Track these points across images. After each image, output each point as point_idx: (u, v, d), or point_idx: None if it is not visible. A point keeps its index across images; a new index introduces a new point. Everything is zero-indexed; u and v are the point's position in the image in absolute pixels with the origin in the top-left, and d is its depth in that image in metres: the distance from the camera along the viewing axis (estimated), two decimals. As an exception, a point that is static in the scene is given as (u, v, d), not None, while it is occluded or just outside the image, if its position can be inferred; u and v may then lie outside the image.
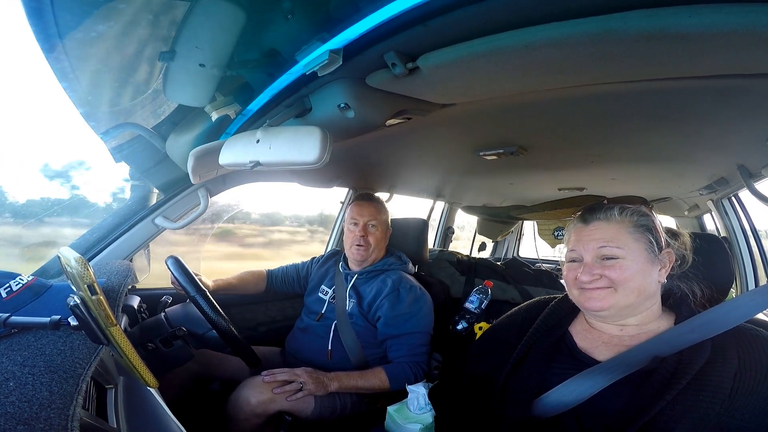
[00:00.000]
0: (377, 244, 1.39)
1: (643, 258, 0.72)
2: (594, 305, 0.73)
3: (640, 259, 0.72)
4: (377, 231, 1.39)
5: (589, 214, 0.79)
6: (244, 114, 0.94)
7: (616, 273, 0.71)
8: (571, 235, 0.81)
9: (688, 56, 0.57)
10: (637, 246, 0.73)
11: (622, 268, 0.71)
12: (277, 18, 0.67)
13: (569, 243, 0.80)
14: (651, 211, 0.78)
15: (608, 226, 0.75)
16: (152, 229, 1.21)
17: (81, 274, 0.53)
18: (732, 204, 1.83)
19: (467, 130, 1.13)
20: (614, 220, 0.76)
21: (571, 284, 0.77)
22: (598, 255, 0.74)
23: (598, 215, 0.77)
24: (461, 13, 0.55)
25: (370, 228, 1.39)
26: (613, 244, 0.73)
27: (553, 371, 0.76)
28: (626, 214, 0.76)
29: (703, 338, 0.66)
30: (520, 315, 0.92)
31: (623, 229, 0.74)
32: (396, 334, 1.27)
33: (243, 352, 1.05)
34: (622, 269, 0.71)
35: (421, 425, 0.89)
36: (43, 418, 0.46)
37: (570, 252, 0.79)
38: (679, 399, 0.61)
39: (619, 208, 0.76)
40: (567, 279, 0.78)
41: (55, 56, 0.66)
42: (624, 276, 0.71)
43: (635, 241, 0.73)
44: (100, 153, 0.98)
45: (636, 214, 0.76)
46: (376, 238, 1.39)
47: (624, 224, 0.75)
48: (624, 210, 0.76)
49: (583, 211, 0.81)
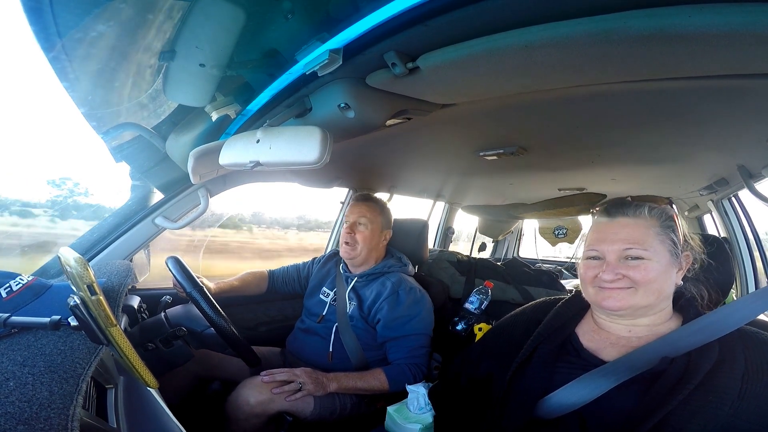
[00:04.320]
0: (365, 242, 1.38)
1: (666, 260, 0.71)
2: (612, 305, 0.71)
3: (663, 261, 0.71)
4: (366, 230, 1.39)
5: (615, 209, 0.77)
6: (244, 114, 0.94)
7: (640, 274, 0.70)
8: (592, 232, 0.78)
9: (688, 56, 0.57)
10: (661, 248, 0.72)
11: (647, 269, 0.70)
12: (277, 18, 0.67)
13: (588, 239, 0.78)
14: (675, 212, 0.77)
15: (635, 224, 0.73)
16: (152, 229, 1.21)
17: (81, 275, 0.53)
18: (732, 204, 1.83)
19: (467, 131, 1.13)
20: (642, 218, 0.74)
21: (588, 282, 0.76)
22: (622, 255, 0.72)
23: (626, 211, 0.75)
24: (461, 12, 0.55)
25: (359, 226, 1.39)
26: (639, 246, 0.71)
27: (559, 372, 0.75)
28: (654, 213, 0.74)
29: (708, 340, 0.65)
30: (525, 315, 0.91)
31: (651, 229, 0.73)
32: (395, 336, 1.27)
33: (243, 353, 1.05)
34: (647, 270, 0.70)
35: (421, 425, 0.89)
36: (43, 417, 0.46)
37: (590, 250, 0.76)
38: (689, 401, 0.61)
39: (648, 207, 0.75)
40: (584, 277, 0.77)
41: (55, 56, 0.66)
42: (648, 277, 0.69)
43: (660, 243, 0.72)
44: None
45: (663, 215, 0.74)
46: (364, 236, 1.38)
47: (652, 224, 0.73)
48: (653, 209, 0.75)
49: (608, 206, 0.78)
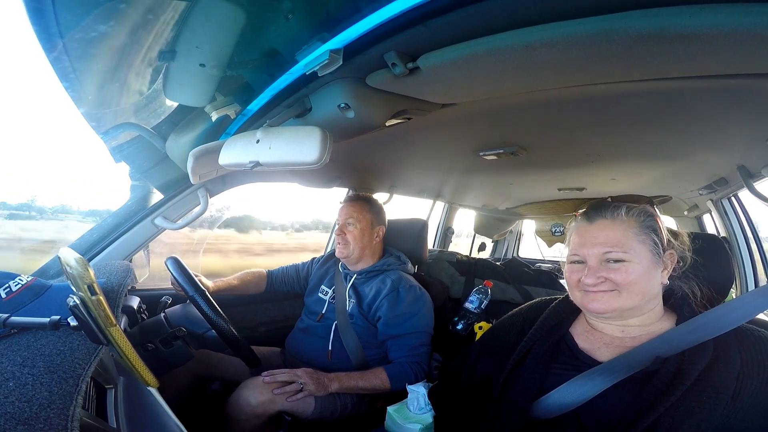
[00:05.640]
0: (355, 240, 1.41)
1: (648, 260, 0.71)
2: (597, 307, 0.72)
3: (645, 262, 0.71)
4: (355, 228, 1.41)
5: (594, 212, 0.77)
6: (244, 114, 0.94)
7: (621, 276, 0.70)
8: (574, 235, 0.79)
9: (689, 56, 0.57)
10: (642, 248, 0.72)
11: (627, 271, 0.70)
12: (277, 18, 0.67)
13: (571, 243, 0.79)
14: (656, 211, 0.77)
15: (614, 226, 0.74)
16: (152, 230, 1.21)
17: (81, 275, 0.53)
18: (732, 204, 1.83)
19: (467, 130, 1.13)
20: (620, 220, 0.74)
21: (573, 286, 0.76)
22: (603, 258, 0.72)
23: (604, 214, 0.75)
24: (461, 12, 0.55)
25: (348, 227, 1.42)
26: (619, 249, 0.71)
27: (554, 372, 0.75)
28: (632, 214, 0.74)
29: (705, 339, 0.65)
30: (521, 315, 0.91)
31: (629, 231, 0.73)
32: (396, 334, 1.27)
33: (243, 353, 1.05)
34: (627, 272, 0.70)
35: (420, 425, 0.89)
36: (43, 418, 0.46)
37: (572, 254, 0.77)
38: (683, 400, 0.61)
39: (626, 208, 0.75)
40: (569, 281, 0.77)
41: (56, 56, 0.66)
42: (629, 279, 0.70)
43: (641, 243, 0.72)
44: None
45: (642, 215, 0.74)
46: (354, 235, 1.41)
47: (630, 225, 0.73)
48: (630, 210, 0.74)
49: (588, 209, 0.79)
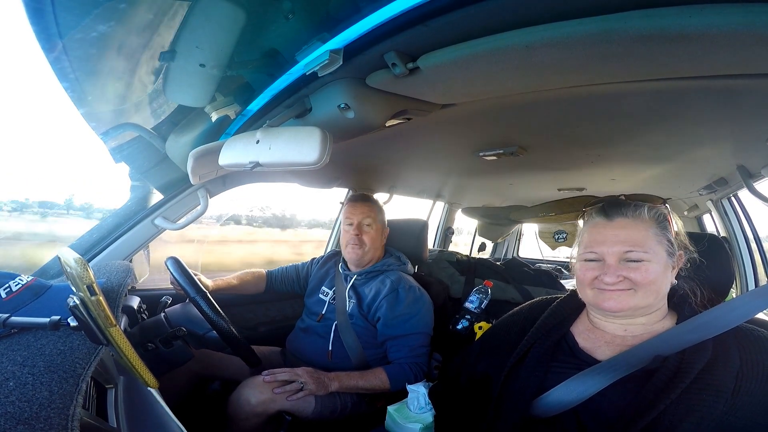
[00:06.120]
0: (372, 243, 1.39)
1: (664, 260, 0.71)
2: (612, 306, 0.71)
3: (662, 261, 0.71)
4: (371, 230, 1.39)
5: (612, 210, 0.75)
6: (244, 114, 0.94)
7: (640, 275, 0.69)
8: (588, 233, 0.77)
9: (689, 56, 0.57)
10: (659, 248, 0.71)
11: (647, 270, 0.69)
12: (277, 18, 0.67)
13: (585, 241, 0.77)
14: (669, 211, 0.77)
15: (634, 225, 0.73)
16: (152, 230, 1.21)
17: (80, 275, 0.53)
18: (732, 204, 1.83)
19: (467, 131, 1.13)
20: (641, 220, 0.73)
21: (586, 284, 0.75)
22: (623, 258, 0.71)
23: (625, 212, 0.74)
24: (462, 12, 0.55)
25: (365, 227, 1.39)
26: (640, 248, 0.70)
27: (554, 371, 0.75)
28: (653, 214, 0.74)
29: (704, 338, 0.66)
30: (522, 314, 0.91)
31: (649, 230, 0.72)
32: (396, 335, 1.27)
33: (243, 353, 1.05)
34: (647, 272, 0.69)
35: (421, 425, 0.89)
36: (43, 417, 0.46)
37: (588, 252, 0.75)
38: (682, 398, 0.61)
39: (648, 208, 0.74)
40: (582, 279, 0.75)
41: (55, 56, 0.66)
42: (648, 278, 0.69)
43: (658, 243, 0.72)
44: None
45: (660, 215, 0.74)
46: (371, 237, 1.38)
47: (650, 225, 0.72)
48: (651, 210, 0.74)
49: (605, 205, 0.77)
